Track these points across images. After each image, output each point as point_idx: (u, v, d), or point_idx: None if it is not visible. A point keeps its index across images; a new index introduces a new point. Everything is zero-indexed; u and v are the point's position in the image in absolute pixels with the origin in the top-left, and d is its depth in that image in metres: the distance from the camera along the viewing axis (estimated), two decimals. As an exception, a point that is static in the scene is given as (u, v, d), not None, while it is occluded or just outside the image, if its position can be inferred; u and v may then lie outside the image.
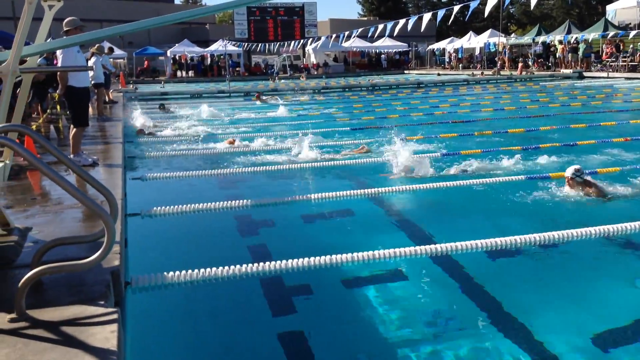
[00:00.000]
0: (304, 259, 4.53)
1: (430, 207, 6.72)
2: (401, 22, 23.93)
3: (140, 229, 5.78)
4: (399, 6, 64.38)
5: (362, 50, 48.16)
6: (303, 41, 41.31)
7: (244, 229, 6.09)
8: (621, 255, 5.12)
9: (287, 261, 4.50)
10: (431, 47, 47.53)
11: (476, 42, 41.02)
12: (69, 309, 2.91)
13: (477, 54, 41.31)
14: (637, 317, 3.85)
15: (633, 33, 29.68)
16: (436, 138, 11.00)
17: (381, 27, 26.97)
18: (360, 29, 31.05)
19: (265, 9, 45.28)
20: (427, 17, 22.91)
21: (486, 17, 30.47)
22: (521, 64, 33.34)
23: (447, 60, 44.01)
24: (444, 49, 45.23)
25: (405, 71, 45.11)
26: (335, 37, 34.36)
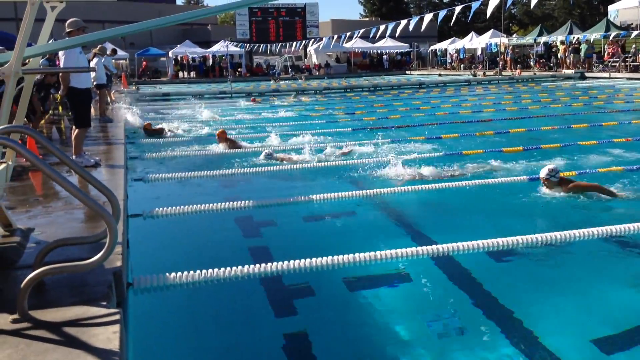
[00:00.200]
0: (305, 259, 4.53)
1: (431, 208, 6.72)
2: (403, 23, 23.97)
3: (142, 229, 5.79)
4: (400, 7, 64.34)
5: (363, 51, 48.16)
6: (305, 42, 41.36)
7: (245, 229, 6.09)
8: (623, 256, 5.11)
9: (289, 262, 4.50)
10: (433, 47, 47.50)
11: (478, 42, 40.99)
12: (71, 310, 2.92)
13: (478, 54, 41.28)
14: (638, 318, 3.84)
15: (635, 33, 29.64)
16: (438, 139, 11.01)
17: (383, 28, 27.03)
18: (361, 30, 31.06)
19: (266, 9, 45.29)
20: (428, 17, 22.91)
21: (488, 18, 30.43)
22: (519, 69, 33.54)
23: (449, 61, 43.98)
24: (445, 49, 45.20)
25: (407, 72, 45.09)
26: (336, 37, 34.41)
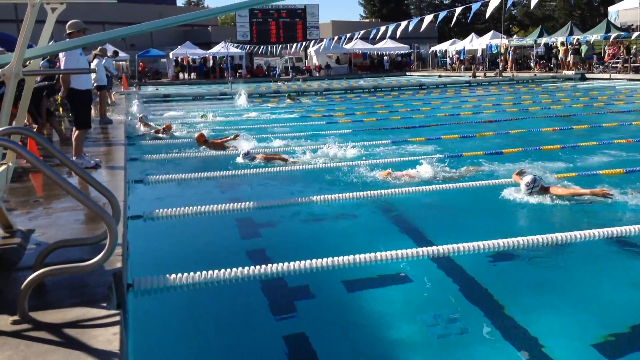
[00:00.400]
0: (305, 261, 4.54)
1: (431, 209, 6.72)
2: (403, 24, 23.98)
3: (143, 231, 5.79)
4: (400, 8, 64.39)
5: (364, 52, 48.17)
6: (305, 43, 41.37)
7: (246, 231, 6.09)
8: (624, 257, 5.11)
9: (289, 263, 4.51)
10: (433, 48, 47.53)
11: (478, 43, 41.00)
12: (72, 311, 2.92)
13: (479, 55, 41.30)
14: (638, 319, 3.84)
15: (635, 34, 29.64)
16: (438, 140, 11.01)
17: (383, 29, 27.04)
18: (362, 31, 31.06)
19: (267, 11, 45.33)
20: (428, 18, 22.90)
21: (488, 19, 30.44)
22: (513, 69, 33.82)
23: (450, 62, 43.97)
24: (445, 50, 45.22)
25: (407, 73, 45.11)
26: (337, 39, 34.41)
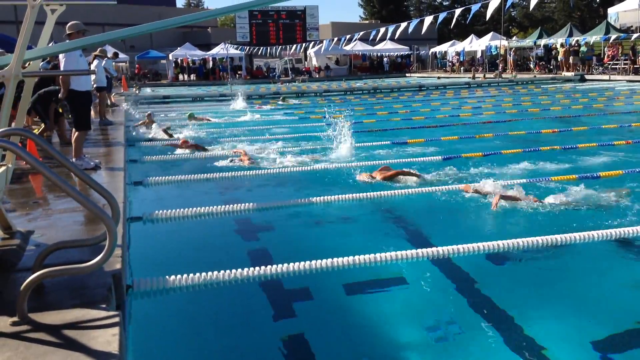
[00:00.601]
0: (305, 262, 4.53)
1: (431, 210, 6.71)
2: (403, 25, 24.01)
3: (142, 232, 5.79)
4: (400, 9, 64.42)
5: (364, 53, 48.21)
6: (305, 44, 41.41)
7: (245, 232, 6.09)
8: (624, 258, 5.10)
9: (289, 264, 4.51)
10: (433, 50, 47.56)
11: (478, 45, 41.06)
12: (71, 312, 2.92)
13: (478, 57, 41.35)
14: (638, 320, 3.84)
15: (635, 36, 29.67)
16: (437, 141, 11.01)
17: (383, 31, 27.06)
18: (361, 32, 31.09)
19: (267, 12, 45.39)
20: (428, 20, 22.91)
21: (487, 20, 30.44)
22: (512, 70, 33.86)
23: (450, 63, 44.00)
24: (445, 52, 45.26)
25: (407, 74, 45.15)
26: (336, 40, 34.45)
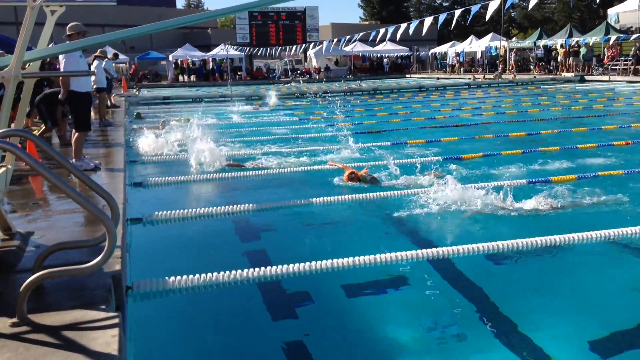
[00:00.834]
0: (305, 263, 4.54)
1: (430, 211, 6.71)
2: (402, 26, 23.99)
3: (142, 233, 5.79)
4: (400, 10, 64.47)
5: (363, 54, 48.22)
6: (305, 45, 41.42)
7: (245, 233, 6.08)
8: (623, 259, 5.11)
9: (289, 266, 4.51)
10: (433, 51, 47.56)
11: (477, 46, 41.09)
12: (70, 314, 2.92)
13: (478, 57, 41.37)
14: (637, 321, 3.84)
15: (634, 36, 29.68)
16: (437, 142, 11.01)
17: (382, 31, 27.04)
18: (361, 33, 31.10)
19: (267, 13, 45.40)
20: (428, 21, 22.91)
21: (487, 21, 30.45)
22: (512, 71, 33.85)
23: (450, 63, 44.00)
24: (445, 52, 45.27)
25: (407, 75, 45.16)
26: (336, 41, 34.45)
